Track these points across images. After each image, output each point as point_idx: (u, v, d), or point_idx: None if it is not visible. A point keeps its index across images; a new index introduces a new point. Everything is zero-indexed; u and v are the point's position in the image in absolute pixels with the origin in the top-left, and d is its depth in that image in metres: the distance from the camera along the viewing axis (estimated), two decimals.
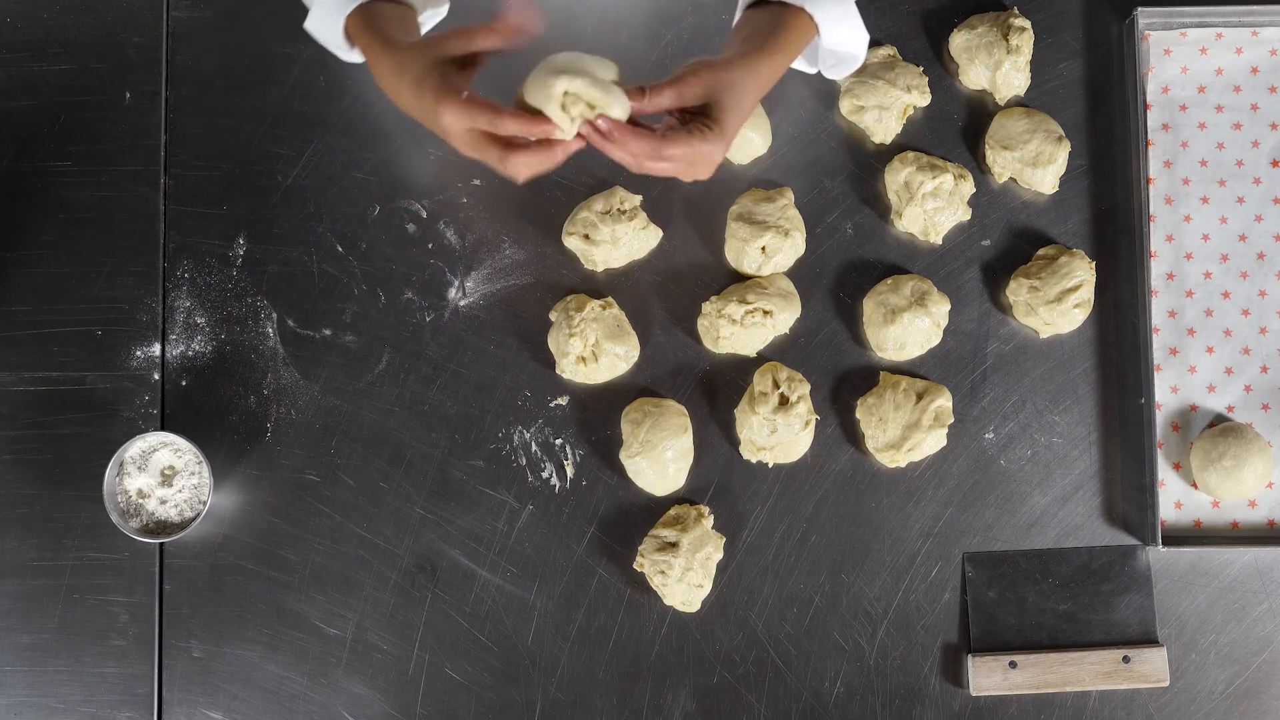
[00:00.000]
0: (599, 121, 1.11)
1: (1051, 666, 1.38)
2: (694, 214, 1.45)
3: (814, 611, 1.40)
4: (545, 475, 1.42)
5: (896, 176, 1.43)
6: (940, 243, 1.44)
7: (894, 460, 1.40)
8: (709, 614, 1.40)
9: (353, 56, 1.27)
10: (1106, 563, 1.40)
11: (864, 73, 1.44)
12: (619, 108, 1.12)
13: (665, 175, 1.16)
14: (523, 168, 1.13)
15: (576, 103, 1.11)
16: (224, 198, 1.46)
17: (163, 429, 1.43)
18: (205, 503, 1.37)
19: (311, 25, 1.26)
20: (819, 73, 1.35)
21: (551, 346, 1.42)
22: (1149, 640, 1.39)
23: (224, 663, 1.40)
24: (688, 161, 1.15)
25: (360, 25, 1.20)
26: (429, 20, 1.30)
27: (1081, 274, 1.40)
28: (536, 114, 1.12)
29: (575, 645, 1.40)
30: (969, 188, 1.44)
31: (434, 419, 1.43)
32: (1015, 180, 1.45)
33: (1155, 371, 1.40)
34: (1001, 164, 1.44)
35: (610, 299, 1.42)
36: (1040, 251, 1.44)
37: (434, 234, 1.45)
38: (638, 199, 1.43)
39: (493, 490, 1.42)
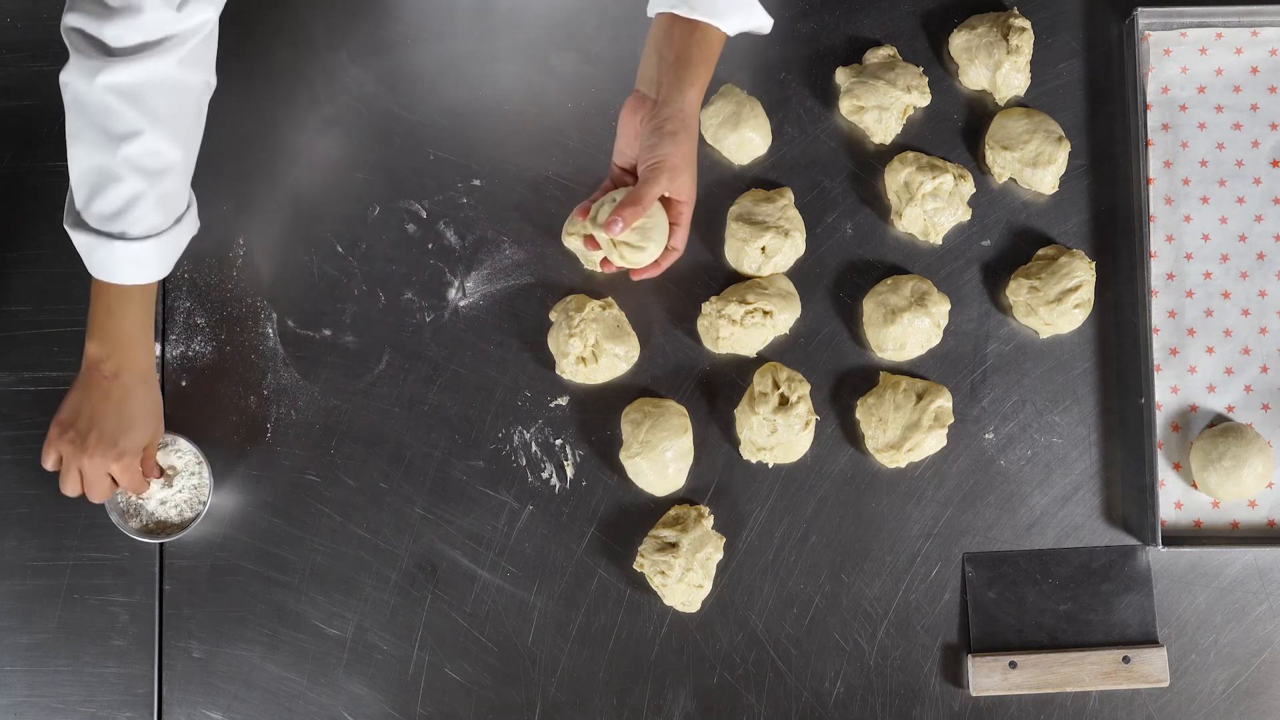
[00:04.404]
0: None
1: (1051, 666, 1.38)
2: (694, 214, 1.45)
3: (814, 611, 1.40)
4: (545, 475, 1.42)
5: (896, 177, 1.43)
6: (940, 243, 1.44)
7: (894, 460, 1.39)
8: (709, 614, 1.40)
9: None
10: (1106, 563, 1.40)
11: (864, 73, 1.44)
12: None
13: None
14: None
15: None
16: (224, 198, 1.46)
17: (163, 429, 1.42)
18: (205, 503, 1.37)
19: None
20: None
21: (551, 346, 1.42)
22: (1149, 640, 1.39)
23: (224, 663, 1.40)
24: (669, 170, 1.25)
25: None
26: None
27: (1081, 274, 1.40)
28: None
29: (575, 645, 1.40)
30: (969, 188, 1.44)
31: (434, 419, 1.43)
32: (1015, 180, 1.45)
33: (1155, 371, 1.40)
34: (1001, 164, 1.44)
35: (610, 299, 1.42)
36: (1040, 251, 1.44)
37: (434, 234, 1.45)
38: None
39: (493, 490, 1.42)
